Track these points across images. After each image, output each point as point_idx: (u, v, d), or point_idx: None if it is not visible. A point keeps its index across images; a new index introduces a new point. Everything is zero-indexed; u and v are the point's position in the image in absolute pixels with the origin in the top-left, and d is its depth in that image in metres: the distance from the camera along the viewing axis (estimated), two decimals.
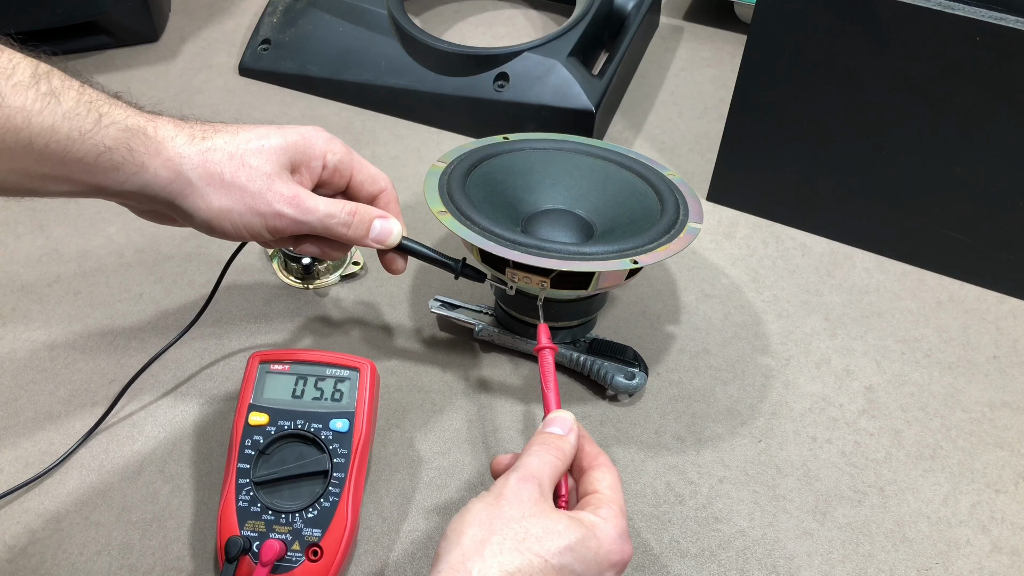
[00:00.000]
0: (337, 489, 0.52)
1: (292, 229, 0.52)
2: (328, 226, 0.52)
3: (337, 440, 0.54)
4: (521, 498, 0.42)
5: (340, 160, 0.54)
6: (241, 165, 0.50)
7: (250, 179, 0.50)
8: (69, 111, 0.44)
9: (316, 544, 0.50)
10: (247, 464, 0.53)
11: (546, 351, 0.52)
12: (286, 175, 0.52)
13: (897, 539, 0.57)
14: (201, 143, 0.50)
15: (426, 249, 0.57)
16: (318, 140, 0.54)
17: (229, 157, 0.50)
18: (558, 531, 0.41)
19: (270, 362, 0.57)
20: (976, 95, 0.65)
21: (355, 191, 0.56)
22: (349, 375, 0.56)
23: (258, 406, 0.55)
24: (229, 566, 0.49)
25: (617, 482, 0.46)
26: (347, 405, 0.55)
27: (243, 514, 0.51)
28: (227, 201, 0.50)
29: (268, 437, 0.54)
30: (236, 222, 0.51)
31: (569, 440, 0.47)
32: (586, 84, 0.84)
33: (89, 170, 0.46)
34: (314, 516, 0.51)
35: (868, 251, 0.77)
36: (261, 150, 0.51)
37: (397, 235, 0.55)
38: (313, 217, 0.52)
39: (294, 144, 0.52)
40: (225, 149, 0.50)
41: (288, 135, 0.52)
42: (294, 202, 0.51)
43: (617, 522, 0.43)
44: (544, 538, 0.40)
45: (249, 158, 0.51)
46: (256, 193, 0.50)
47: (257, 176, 0.51)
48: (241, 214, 0.50)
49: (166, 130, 0.49)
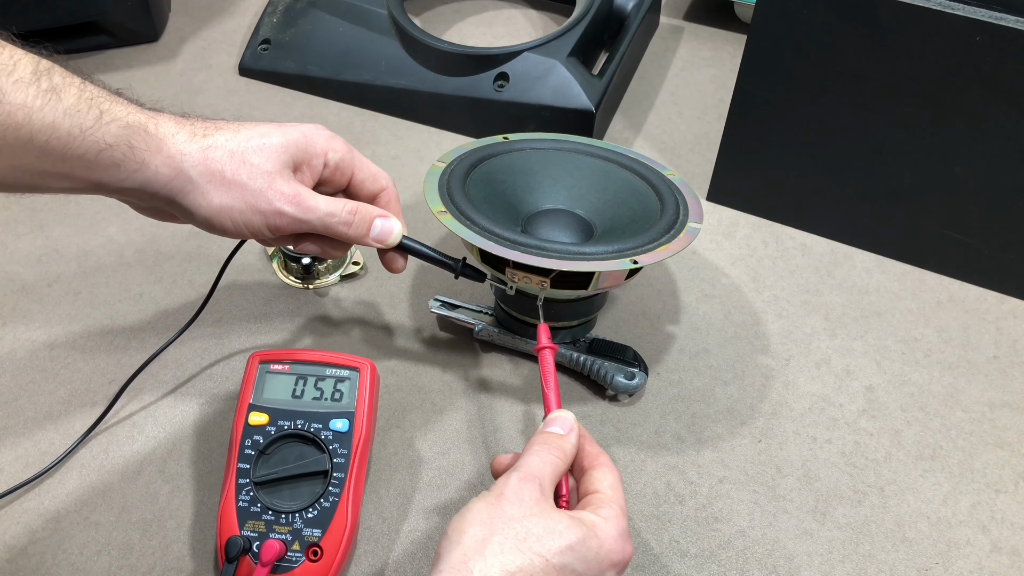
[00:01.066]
0: (337, 489, 0.52)
1: (293, 227, 0.52)
2: (329, 225, 0.52)
3: (337, 440, 0.54)
4: (522, 498, 0.42)
5: (341, 158, 0.54)
6: (242, 163, 0.50)
7: (251, 177, 0.50)
8: (70, 108, 0.44)
9: (316, 544, 0.50)
10: (247, 464, 0.53)
11: (546, 351, 0.52)
12: (287, 173, 0.52)
13: (897, 539, 0.57)
14: (202, 140, 0.50)
15: (426, 248, 0.57)
16: (319, 138, 0.54)
17: (230, 155, 0.50)
18: (559, 531, 0.41)
19: (270, 362, 0.57)
20: (976, 95, 0.65)
21: (356, 189, 0.56)
22: (349, 375, 0.56)
23: (258, 406, 0.55)
24: (229, 566, 0.49)
25: (618, 482, 0.46)
26: (347, 405, 0.55)
27: (243, 514, 0.51)
28: (228, 199, 0.50)
29: (268, 437, 0.54)
30: (237, 220, 0.50)
31: (570, 440, 0.47)
32: (586, 84, 0.84)
33: (90, 167, 0.46)
34: (314, 516, 0.51)
35: (868, 251, 0.77)
36: (262, 148, 0.51)
37: (398, 234, 0.55)
38: (314, 216, 0.51)
39: (295, 142, 0.52)
40: (226, 147, 0.50)
41: (289, 133, 0.52)
42: (295, 200, 0.51)
43: (618, 522, 0.43)
44: (545, 537, 0.41)
45: (250, 156, 0.50)
46: (257, 191, 0.50)
47: (258, 174, 0.50)
48: (242, 212, 0.50)
49: (167, 127, 0.49)
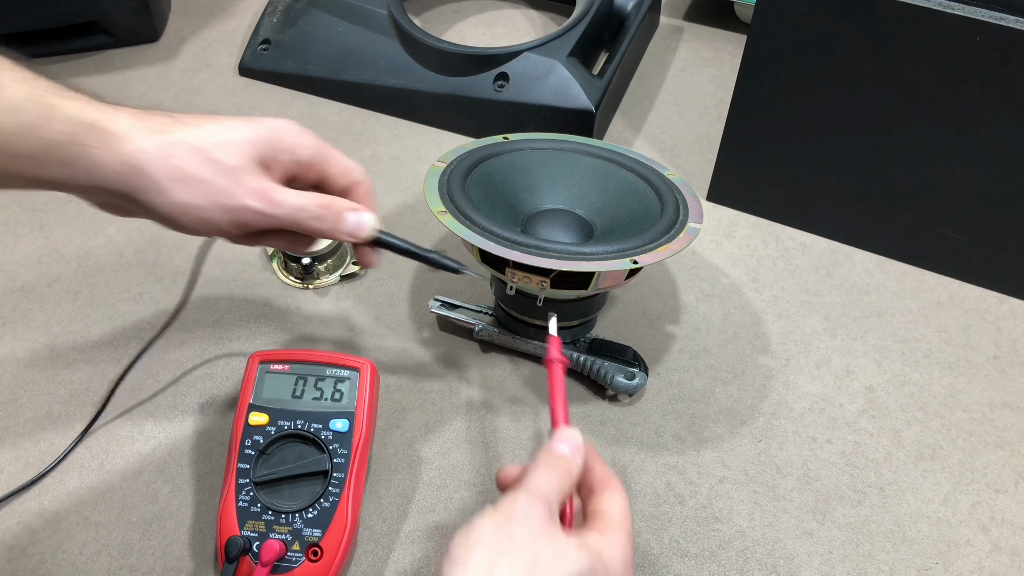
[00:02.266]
0: (337, 489, 0.52)
1: (260, 223, 0.49)
2: (298, 219, 0.50)
3: (337, 440, 0.54)
4: (532, 520, 0.41)
5: (312, 153, 0.52)
6: (206, 160, 0.48)
7: (215, 174, 0.48)
8: (15, 104, 0.43)
9: (316, 544, 0.50)
10: (247, 464, 0.53)
11: (556, 364, 0.50)
12: (254, 168, 0.49)
13: (897, 539, 0.57)
14: (162, 136, 0.47)
15: (402, 242, 0.54)
16: (288, 133, 0.51)
17: (193, 151, 0.48)
18: (569, 557, 0.40)
19: (270, 362, 0.57)
20: (976, 95, 0.64)
21: (328, 185, 0.53)
22: (349, 375, 0.56)
23: (258, 406, 0.55)
24: (229, 566, 0.49)
25: (627, 507, 0.45)
26: (347, 405, 0.55)
27: (243, 514, 0.51)
28: (190, 196, 0.47)
29: (268, 437, 0.54)
30: (200, 217, 0.48)
31: (576, 462, 0.46)
32: (586, 84, 0.84)
33: (39, 165, 0.44)
34: (314, 516, 0.51)
35: (868, 251, 0.77)
36: (227, 144, 0.49)
37: (371, 227, 0.52)
38: (282, 210, 0.49)
39: (263, 137, 0.50)
40: (189, 143, 0.48)
41: (256, 128, 0.50)
42: (262, 196, 0.49)
43: (624, 549, 0.43)
44: (554, 564, 0.40)
45: (214, 152, 0.48)
46: (221, 188, 0.48)
47: (222, 170, 0.48)
48: (205, 209, 0.48)
49: (124, 123, 0.46)
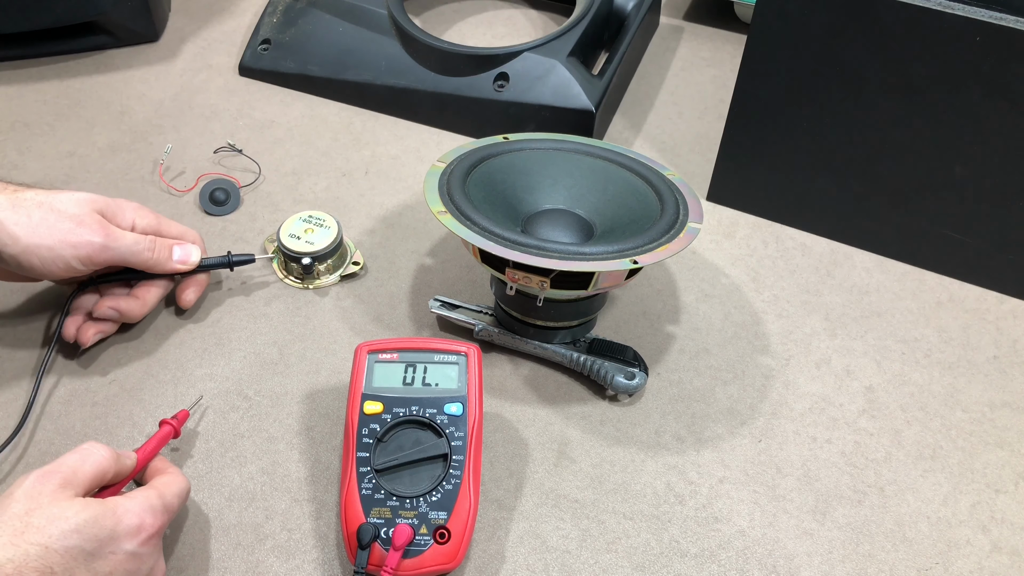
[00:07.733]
0: (458, 471, 0.52)
1: (102, 257, 0.58)
2: (135, 251, 0.60)
3: (452, 424, 0.54)
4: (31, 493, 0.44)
5: (148, 224, 0.62)
6: (50, 209, 0.56)
7: (59, 219, 0.56)
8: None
9: (443, 526, 0.51)
10: (366, 452, 0.53)
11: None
12: (96, 215, 0.58)
13: (897, 539, 0.57)
14: (11, 193, 0.56)
15: (213, 260, 0.67)
16: (128, 206, 0.62)
17: (38, 204, 0.56)
18: (65, 516, 0.43)
19: (378, 352, 0.57)
20: (976, 95, 0.65)
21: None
22: (457, 360, 0.57)
23: (371, 395, 0.55)
24: (363, 553, 0.49)
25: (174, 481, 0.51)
26: (459, 389, 0.56)
27: (367, 501, 0.51)
28: (36, 238, 0.55)
29: (384, 425, 0.54)
30: (45, 256, 0.56)
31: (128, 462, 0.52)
32: (586, 84, 0.84)
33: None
34: (438, 499, 0.52)
35: (868, 251, 0.77)
36: (71, 198, 0.58)
37: (197, 257, 0.64)
38: (121, 243, 0.59)
39: (104, 201, 0.60)
40: (35, 198, 0.56)
41: (99, 198, 0.59)
42: (103, 231, 0.58)
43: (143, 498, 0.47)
44: (47, 526, 0.43)
45: (58, 204, 0.57)
46: (67, 229, 0.56)
47: (66, 216, 0.57)
48: (51, 248, 0.56)
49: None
